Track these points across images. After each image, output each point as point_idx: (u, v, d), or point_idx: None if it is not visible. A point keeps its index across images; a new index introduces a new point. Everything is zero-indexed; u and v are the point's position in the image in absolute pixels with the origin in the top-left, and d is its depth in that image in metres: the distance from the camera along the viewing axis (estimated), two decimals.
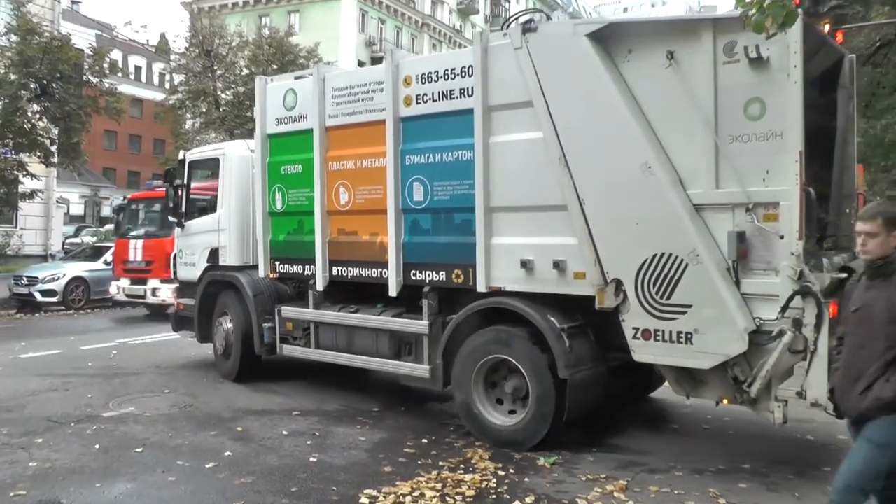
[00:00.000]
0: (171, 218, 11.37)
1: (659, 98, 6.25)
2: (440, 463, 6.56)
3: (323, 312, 8.87)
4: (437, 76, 7.62)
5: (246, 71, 36.78)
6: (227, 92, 35.75)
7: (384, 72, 8.01)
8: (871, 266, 4.11)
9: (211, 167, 10.76)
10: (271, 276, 9.51)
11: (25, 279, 19.46)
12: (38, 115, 21.91)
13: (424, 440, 7.29)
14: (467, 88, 7.36)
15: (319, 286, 8.80)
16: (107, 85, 24.19)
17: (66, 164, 25.57)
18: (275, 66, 35.19)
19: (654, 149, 6.19)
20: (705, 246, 5.97)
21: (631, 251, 6.34)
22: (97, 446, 7.00)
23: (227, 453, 6.82)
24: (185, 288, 11.27)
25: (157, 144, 59.58)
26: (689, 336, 6.07)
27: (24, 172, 22.47)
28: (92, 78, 23.42)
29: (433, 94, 7.65)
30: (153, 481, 6.13)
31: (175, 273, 11.60)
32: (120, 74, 41.02)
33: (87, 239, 36.18)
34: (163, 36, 56.38)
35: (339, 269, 8.66)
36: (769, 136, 5.74)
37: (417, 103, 7.78)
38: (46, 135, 22.29)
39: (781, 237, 5.69)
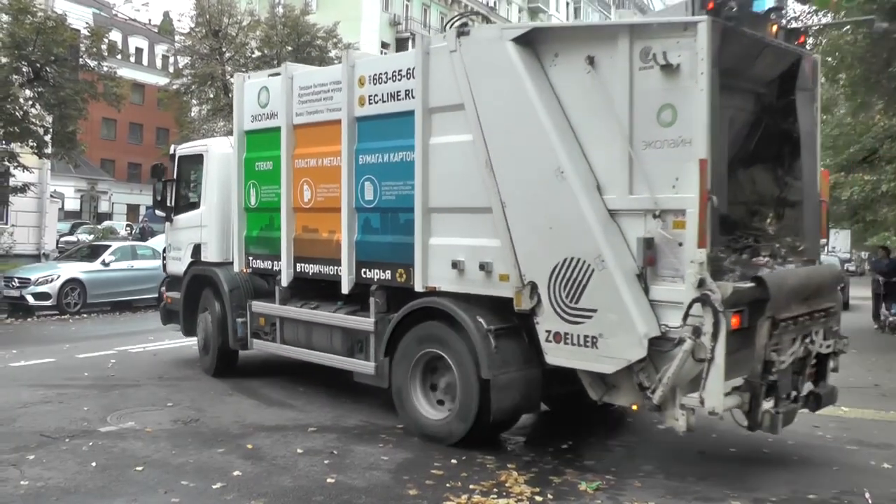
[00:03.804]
0: (158, 212, 12.96)
1: (581, 103, 6.90)
2: (471, 486, 6.56)
3: (285, 308, 9.95)
4: (386, 77, 8.49)
5: (258, 53, 37.01)
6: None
7: (341, 72, 8.93)
8: None
9: (196, 162, 11.95)
10: (245, 270, 10.67)
11: (17, 281, 19.75)
12: (30, 102, 22.09)
13: (453, 460, 7.29)
14: (411, 90, 8.19)
15: (284, 282, 9.85)
16: (105, 68, 24.42)
17: (60, 155, 25.81)
18: (289, 48, 35.41)
19: (569, 154, 6.83)
20: (612, 251, 6.53)
21: (545, 255, 7.00)
22: (94, 464, 7.08)
23: (235, 473, 6.87)
24: (173, 282, 12.57)
25: (160, 134, 60.17)
26: (595, 340, 6.70)
27: (16, 164, 22.66)
28: (89, 61, 23.61)
29: (383, 94, 8.54)
30: (154, 503, 6.19)
31: (164, 267, 13.21)
32: (119, 57, 41.42)
33: (83, 237, 36.63)
34: (166, 15, 57.08)
35: (303, 265, 9.67)
36: (679, 142, 6.25)
37: (370, 104, 8.68)
38: (40, 123, 22.46)
39: (680, 244, 6.23)
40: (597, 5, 76.87)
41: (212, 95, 36.47)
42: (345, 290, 8.96)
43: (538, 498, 6.32)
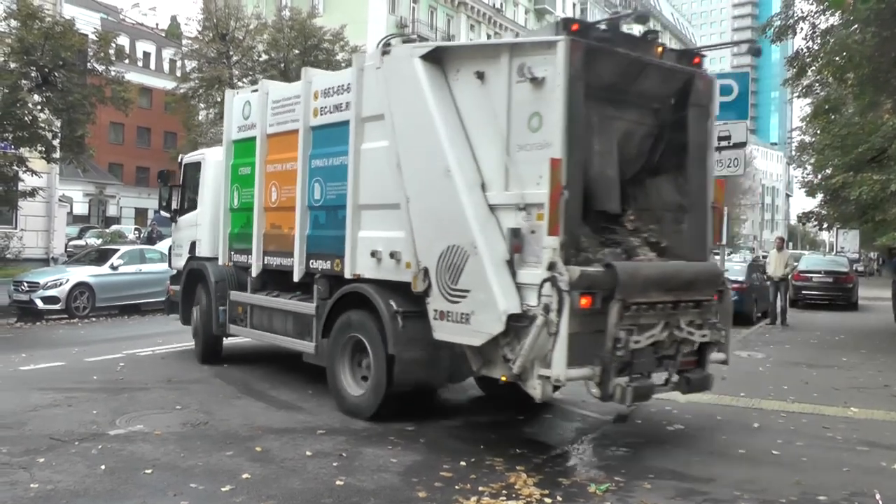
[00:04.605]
0: (164, 213, 14.76)
1: (474, 112, 7.85)
2: (480, 488, 6.56)
3: (254, 296, 11.38)
4: (333, 91, 9.73)
5: (265, 56, 37.09)
6: (245, 80, 36.11)
7: (301, 87, 10.33)
8: None
9: (197, 169, 13.49)
10: (227, 264, 12.10)
11: (26, 285, 19.79)
12: (39, 107, 22.11)
13: (462, 462, 7.30)
14: (349, 102, 9.33)
15: (254, 272, 11.32)
16: (113, 73, 24.43)
17: (69, 160, 25.88)
18: (296, 51, 35.50)
19: (457, 156, 7.75)
20: (484, 240, 7.41)
21: (435, 243, 7.94)
22: (103, 467, 7.09)
23: (244, 475, 6.88)
24: (177, 275, 14.01)
25: (167, 137, 60.40)
26: (468, 316, 7.56)
27: (25, 168, 22.73)
28: (97, 65, 23.65)
29: (330, 106, 9.79)
30: None
31: (170, 262, 14.74)
32: (127, 61, 41.60)
33: (91, 241, 36.74)
34: (174, 19, 57.29)
35: (269, 258, 11.08)
36: (543, 145, 7.09)
37: (322, 115, 9.96)
38: (48, 127, 22.47)
39: (533, 232, 7.11)
40: (602, 6, 76.89)
41: (219, 99, 36.47)
42: (296, 278, 10.26)
43: (547, 500, 6.31)
